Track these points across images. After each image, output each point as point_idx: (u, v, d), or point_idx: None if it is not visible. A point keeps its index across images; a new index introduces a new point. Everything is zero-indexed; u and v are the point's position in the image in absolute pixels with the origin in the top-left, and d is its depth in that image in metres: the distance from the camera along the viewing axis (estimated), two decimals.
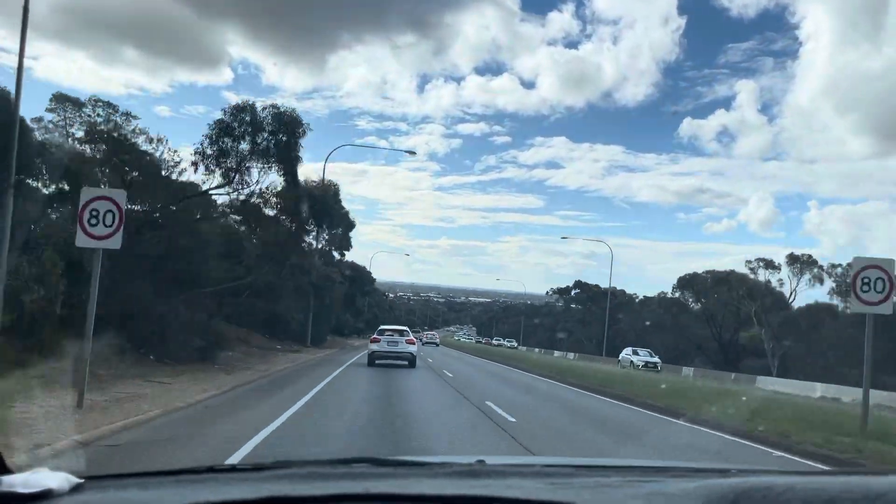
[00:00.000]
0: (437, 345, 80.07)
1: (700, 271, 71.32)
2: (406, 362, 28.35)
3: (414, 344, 29.50)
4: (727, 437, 13.15)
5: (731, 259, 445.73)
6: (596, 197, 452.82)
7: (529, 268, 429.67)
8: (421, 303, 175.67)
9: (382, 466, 2.12)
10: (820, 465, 10.51)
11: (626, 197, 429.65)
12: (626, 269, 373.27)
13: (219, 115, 23.71)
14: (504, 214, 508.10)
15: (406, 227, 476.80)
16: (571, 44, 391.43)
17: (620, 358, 52.99)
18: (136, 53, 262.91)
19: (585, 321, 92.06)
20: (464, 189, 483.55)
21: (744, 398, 20.28)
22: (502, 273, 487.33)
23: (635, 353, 52.76)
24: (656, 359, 51.66)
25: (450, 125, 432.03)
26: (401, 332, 29.65)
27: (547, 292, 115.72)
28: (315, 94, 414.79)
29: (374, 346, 28.67)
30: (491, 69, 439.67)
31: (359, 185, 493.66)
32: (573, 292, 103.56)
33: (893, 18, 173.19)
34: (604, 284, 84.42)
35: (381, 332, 29.44)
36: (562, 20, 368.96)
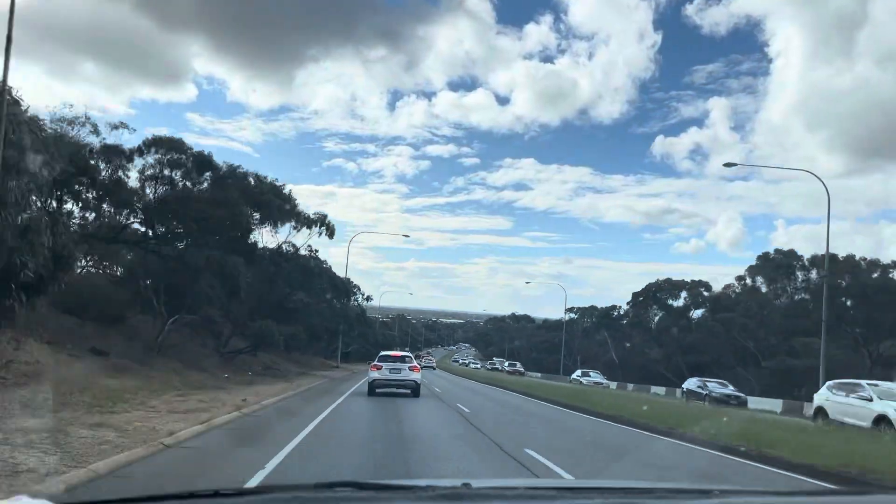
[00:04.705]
0: (434, 368, 75.73)
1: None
2: (409, 391, 26.78)
3: (418, 371, 27.68)
4: None
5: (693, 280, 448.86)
6: (564, 218, 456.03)
7: (498, 289, 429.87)
8: (397, 321, 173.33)
9: (365, 490, 2.10)
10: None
11: (593, 218, 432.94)
12: (592, 291, 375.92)
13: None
14: (473, 236, 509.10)
15: (374, 248, 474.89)
16: (548, 58, 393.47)
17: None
18: (94, 68, 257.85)
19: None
20: (432, 211, 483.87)
21: None
22: (471, 294, 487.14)
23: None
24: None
25: (419, 146, 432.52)
26: (403, 359, 27.93)
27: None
28: (282, 116, 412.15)
29: (375, 374, 26.94)
30: (465, 84, 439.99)
31: (327, 207, 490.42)
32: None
33: (865, 35, 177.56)
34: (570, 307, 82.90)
35: (383, 359, 27.64)
36: (539, 32, 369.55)
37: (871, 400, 20.41)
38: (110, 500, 1.91)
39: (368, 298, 76.59)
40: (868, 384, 21.88)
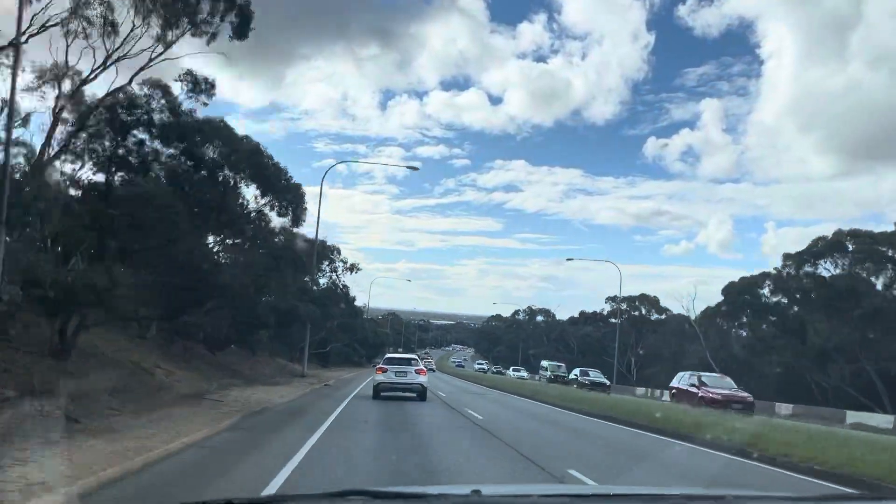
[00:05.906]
0: (434, 370, 72.72)
1: None
2: (415, 394, 26.04)
3: (424, 374, 26.68)
4: None
5: (685, 281, 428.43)
6: (555, 220, 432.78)
7: (488, 290, 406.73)
8: (389, 320, 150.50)
9: (378, 499, 2.17)
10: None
11: (584, 220, 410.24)
12: (583, 292, 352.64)
13: None
14: (463, 238, 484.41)
15: (364, 250, 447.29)
16: (541, 58, 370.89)
17: None
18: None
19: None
20: (422, 212, 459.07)
21: None
22: (461, 296, 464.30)
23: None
24: None
25: (410, 147, 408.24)
26: (409, 361, 27.35)
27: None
28: (273, 115, 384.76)
29: (380, 377, 26.22)
30: (458, 84, 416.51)
31: (316, 207, 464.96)
32: None
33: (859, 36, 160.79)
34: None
35: (389, 361, 27.39)
36: (533, 31, 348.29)
37: None
38: None
39: (353, 268, 49.17)
40: None
